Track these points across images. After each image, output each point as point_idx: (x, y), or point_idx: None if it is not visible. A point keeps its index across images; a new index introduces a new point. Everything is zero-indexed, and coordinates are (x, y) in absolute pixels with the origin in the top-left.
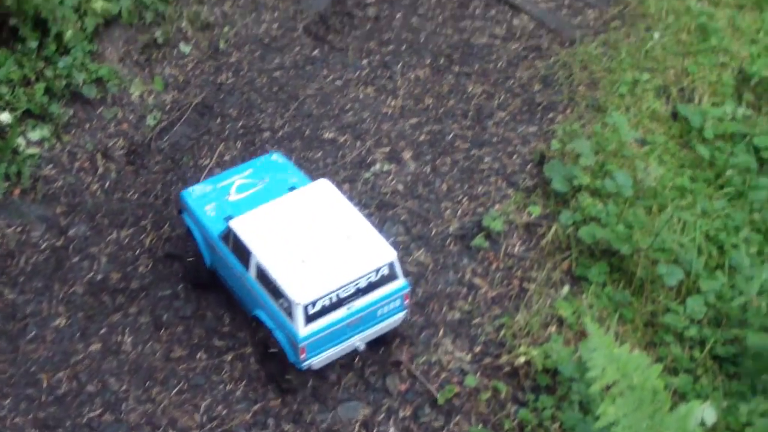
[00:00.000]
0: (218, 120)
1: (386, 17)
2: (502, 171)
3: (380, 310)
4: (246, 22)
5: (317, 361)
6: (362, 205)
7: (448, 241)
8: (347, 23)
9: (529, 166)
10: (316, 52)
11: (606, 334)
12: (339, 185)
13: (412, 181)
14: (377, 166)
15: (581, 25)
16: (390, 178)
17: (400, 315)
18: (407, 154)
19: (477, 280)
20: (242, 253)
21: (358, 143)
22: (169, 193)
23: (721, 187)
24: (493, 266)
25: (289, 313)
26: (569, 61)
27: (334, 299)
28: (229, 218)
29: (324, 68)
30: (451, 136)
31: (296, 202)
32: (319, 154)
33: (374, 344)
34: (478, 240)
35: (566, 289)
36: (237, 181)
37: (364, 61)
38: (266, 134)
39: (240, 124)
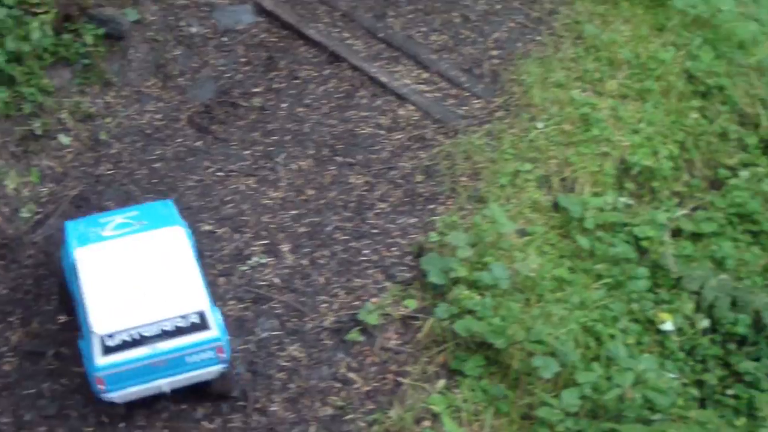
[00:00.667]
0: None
1: (271, 107)
2: (380, 263)
3: (189, 357)
4: (128, 113)
5: (118, 395)
6: (237, 299)
7: (323, 336)
8: (232, 113)
9: (407, 259)
10: (199, 143)
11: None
12: (214, 279)
13: (290, 274)
14: (254, 259)
15: (466, 115)
16: (267, 271)
17: (215, 368)
18: (285, 247)
19: (351, 375)
20: (78, 281)
21: (237, 236)
22: (40, 287)
23: (600, 277)
24: (368, 360)
25: (93, 345)
26: (452, 152)
27: (137, 336)
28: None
29: (206, 159)
30: (330, 227)
31: (143, 242)
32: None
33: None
34: (353, 334)
35: (441, 383)
36: (117, 220)
37: (247, 152)
38: None
39: None
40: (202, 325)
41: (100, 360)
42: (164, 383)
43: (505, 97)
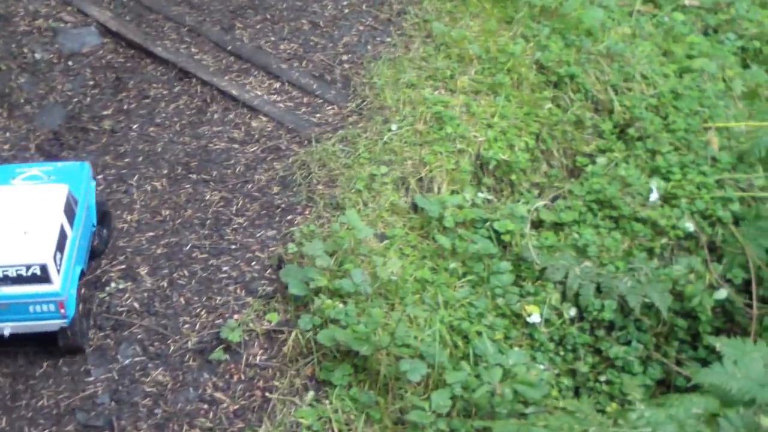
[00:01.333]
0: None
1: (122, 129)
2: (240, 279)
3: (32, 306)
4: None
5: None
6: (97, 327)
7: (187, 357)
8: (82, 138)
9: (268, 272)
10: None
11: None
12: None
13: (149, 297)
14: (112, 285)
15: (320, 122)
16: (126, 296)
17: (57, 322)
18: (143, 270)
19: (218, 395)
20: None
21: (93, 263)
22: None
23: (464, 275)
24: (235, 378)
25: None
26: (307, 160)
27: None
28: None
29: None
30: (188, 247)
31: (28, 193)
32: None
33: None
34: (217, 353)
35: (311, 395)
36: (32, 171)
37: (100, 177)
38: None
39: None
40: (44, 278)
41: None
42: (5, 327)
43: (358, 102)
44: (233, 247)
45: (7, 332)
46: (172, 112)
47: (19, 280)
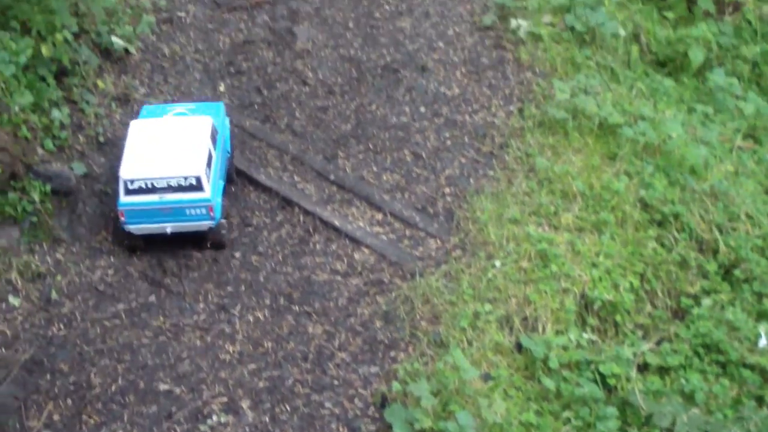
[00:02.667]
0: (48, 376)
1: (225, 257)
2: (343, 416)
3: (188, 210)
4: (80, 270)
5: (134, 228)
6: None
7: None
8: (184, 265)
9: (371, 410)
10: (152, 297)
11: None
12: None
13: None
14: (214, 418)
15: (422, 256)
16: (227, 430)
17: (206, 222)
18: (245, 403)
19: None
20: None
21: (194, 394)
22: None
23: (569, 420)
24: None
25: (120, 186)
26: (410, 295)
27: (149, 186)
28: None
29: (160, 314)
30: (290, 381)
31: (180, 123)
32: (154, 409)
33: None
34: None
35: None
36: (178, 109)
37: (201, 305)
38: (97, 390)
39: (71, 380)
40: (198, 187)
41: (123, 198)
42: (168, 226)
43: (461, 236)
44: (336, 382)
45: (169, 230)
46: (274, 241)
47: (179, 188)
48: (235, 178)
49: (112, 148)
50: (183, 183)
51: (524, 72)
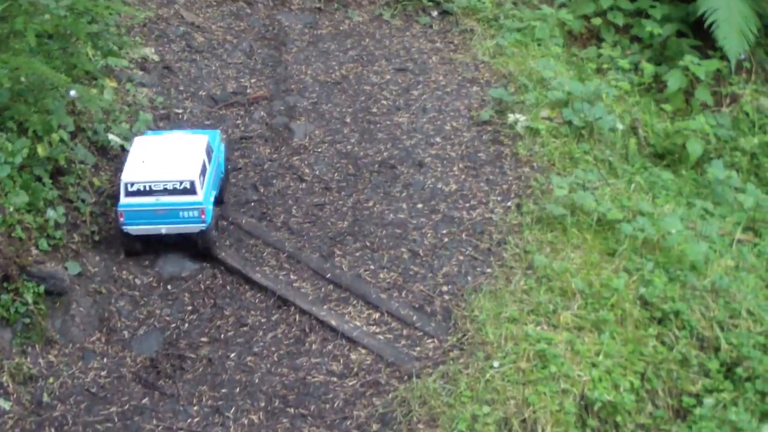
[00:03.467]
0: None
1: (220, 358)
2: None
3: (182, 212)
4: (72, 372)
5: (132, 229)
6: None
7: None
8: (179, 367)
9: None
10: (145, 399)
11: None
12: None
13: None
14: None
15: (420, 356)
16: None
17: (198, 225)
18: None
19: None
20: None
21: None
22: None
23: None
24: None
25: (121, 189)
26: (408, 397)
27: (147, 188)
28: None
29: (153, 418)
30: None
31: (178, 137)
32: None
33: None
34: None
35: None
36: (176, 133)
37: (195, 408)
38: None
39: None
40: (192, 191)
41: (123, 200)
42: (163, 227)
43: (459, 336)
44: None
45: (163, 231)
46: (270, 342)
47: (174, 191)
48: (225, 201)
49: (108, 246)
50: (178, 186)
51: (522, 167)
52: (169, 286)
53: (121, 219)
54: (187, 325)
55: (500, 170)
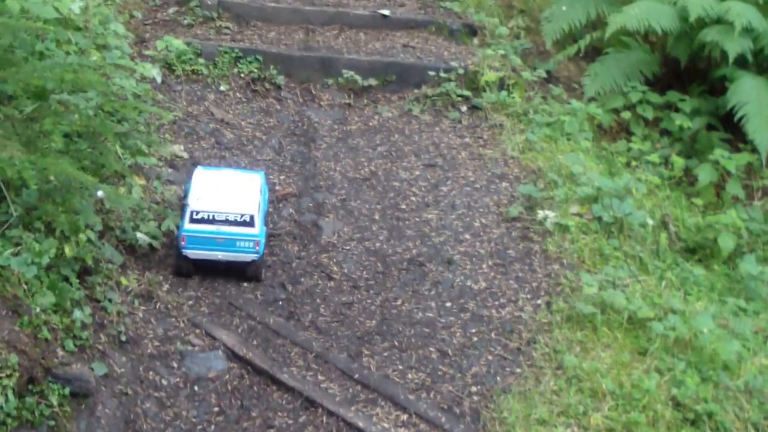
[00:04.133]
0: None
1: None
2: None
3: (239, 242)
4: None
5: (191, 253)
6: None
7: None
8: None
9: None
10: None
11: None
12: None
13: None
14: None
15: None
16: None
17: (252, 255)
18: None
19: None
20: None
21: None
22: None
23: None
24: None
25: (184, 214)
26: None
27: (210, 218)
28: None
29: None
30: None
31: (235, 173)
32: None
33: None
34: None
35: None
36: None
37: None
38: None
39: None
40: (250, 223)
41: (187, 225)
42: (220, 254)
43: None
44: None
45: (220, 257)
46: None
47: (234, 223)
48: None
49: (134, 346)
50: (238, 219)
51: (552, 264)
52: (195, 387)
53: (183, 243)
54: (213, 426)
55: (530, 267)
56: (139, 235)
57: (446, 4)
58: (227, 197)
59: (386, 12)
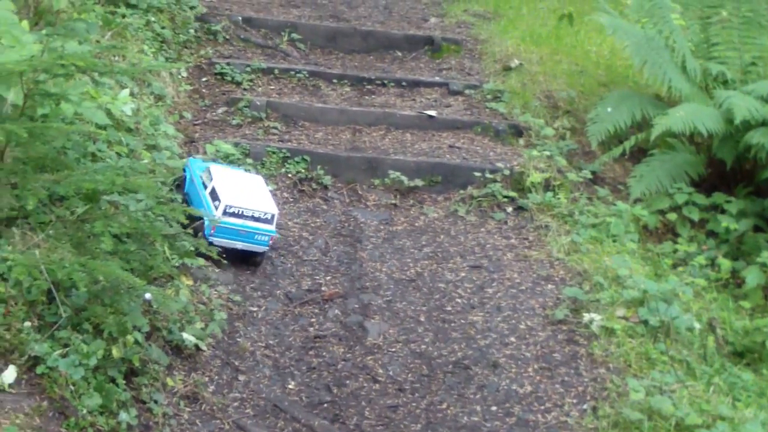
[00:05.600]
0: None
1: None
2: None
3: (257, 236)
4: None
5: (216, 240)
6: None
7: None
8: None
9: None
10: None
11: None
12: None
13: None
14: None
15: None
16: None
17: (264, 247)
18: None
19: None
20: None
21: None
22: None
23: None
24: None
25: (217, 207)
26: None
27: (240, 212)
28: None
29: None
30: None
31: (246, 174)
32: None
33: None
34: None
35: None
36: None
37: None
38: None
39: None
40: (270, 221)
41: (219, 217)
42: (240, 245)
43: None
44: None
45: (239, 246)
46: None
47: (257, 220)
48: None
49: None
50: (262, 216)
51: (598, 368)
52: None
53: (213, 231)
54: None
55: (575, 371)
56: (185, 336)
57: (492, 105)
58: (251, 196)
59: (432, 113)
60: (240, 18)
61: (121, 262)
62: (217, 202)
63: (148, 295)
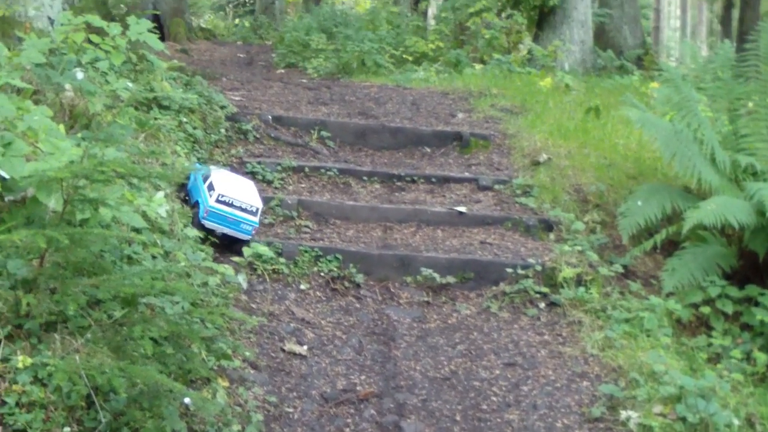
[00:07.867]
0: None
1: None
2: None
3: (242, 225)
4: None
5: (207, 223)
6: None
7: None
8: None
9: None
10: None
11: None
12: None
13: None
14: None
15: None
16: None
17: (247, 236)
18: None
19: None
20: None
21: None
22: None
23: None
24: None
25: (211, 195)
26: None
27: (230, 202)
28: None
29: None
30: None
31: (238, 177)
32: None
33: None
34: None
35: None
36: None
37: None
38: None
39: None
40: (255, 213)
41: (212, 203)
42: (226, 230)
43: None
44: None
45: (226, 231)
46: None
47: (244, 210)
48: None
49: None
50: (248, 208)
51: None
52: None
53: (205, 215)
54: None
55: None
56: None
57: (521, 200)
58: (241, 191)
59: (462, 209)
60: (270, 117)
61: (159, 365)
62: (212, 191)
63: (187, 399)
